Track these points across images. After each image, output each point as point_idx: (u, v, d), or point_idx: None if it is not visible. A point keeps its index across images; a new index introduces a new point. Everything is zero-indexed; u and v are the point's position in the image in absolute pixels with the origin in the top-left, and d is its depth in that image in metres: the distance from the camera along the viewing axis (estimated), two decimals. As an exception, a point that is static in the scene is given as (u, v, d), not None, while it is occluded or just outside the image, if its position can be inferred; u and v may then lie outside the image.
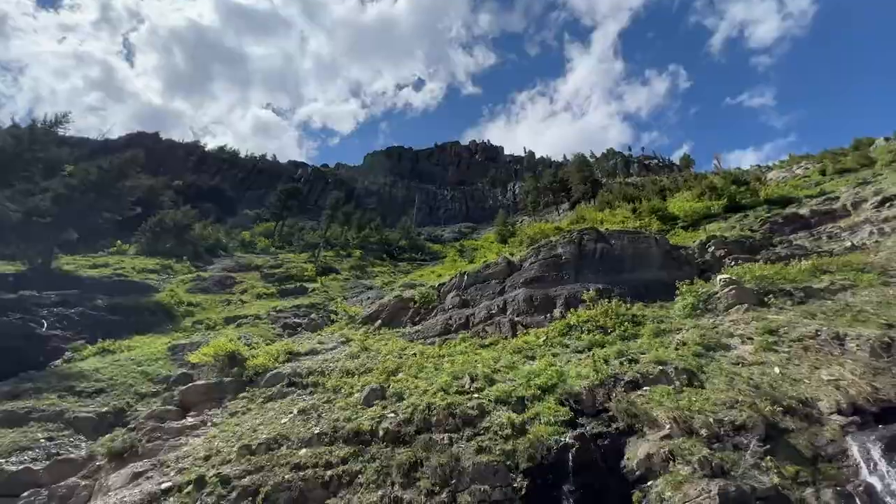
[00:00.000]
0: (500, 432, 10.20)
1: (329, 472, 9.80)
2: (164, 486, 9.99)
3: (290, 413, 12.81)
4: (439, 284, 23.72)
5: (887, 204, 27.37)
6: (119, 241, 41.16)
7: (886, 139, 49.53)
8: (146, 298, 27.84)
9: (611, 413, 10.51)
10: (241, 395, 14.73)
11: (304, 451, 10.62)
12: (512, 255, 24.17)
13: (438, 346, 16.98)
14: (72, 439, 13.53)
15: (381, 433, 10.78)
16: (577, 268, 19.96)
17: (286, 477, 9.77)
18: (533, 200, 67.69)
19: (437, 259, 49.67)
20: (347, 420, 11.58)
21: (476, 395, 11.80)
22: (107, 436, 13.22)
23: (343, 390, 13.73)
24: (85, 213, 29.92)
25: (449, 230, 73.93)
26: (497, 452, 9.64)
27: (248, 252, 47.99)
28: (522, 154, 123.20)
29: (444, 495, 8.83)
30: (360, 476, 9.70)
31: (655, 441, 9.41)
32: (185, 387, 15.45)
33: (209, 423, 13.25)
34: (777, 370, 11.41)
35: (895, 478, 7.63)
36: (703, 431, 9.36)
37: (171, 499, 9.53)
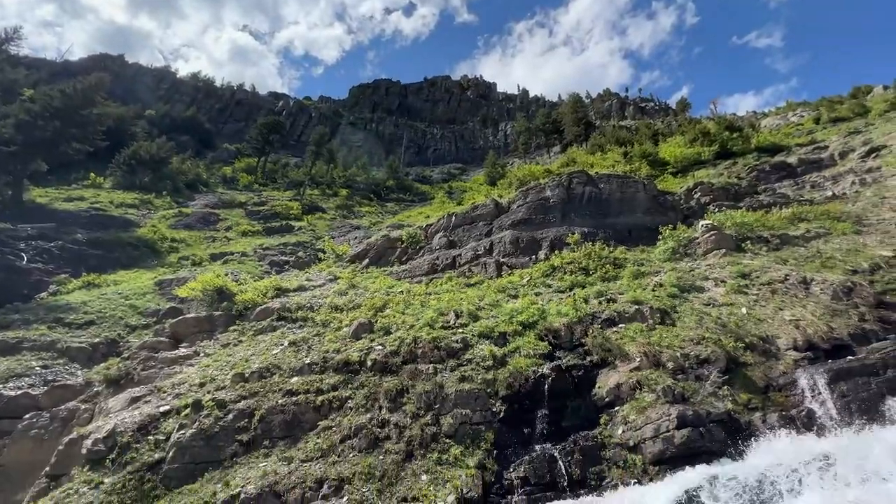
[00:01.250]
0: (481, 364, 10.82)
1: (320, 398, 10.41)
2: (162, 409, 10.52)
3: (281, 345, 13.27)
4: (427, 225, 23.72)
5: (873, 154, 27.55)
6: (93, 174, 39.40)
7: (885, 87, 48.66)
8: (127, 233, 27.33)
9: (586, 347, 11.16)
10: (232, 328, 15.11)
11: (295, 379, 11.17)
12: (500, 197, 24.05)
13: (425, 284, 17.38)
14: (66, 367, 13.92)
15: (369, 363, 11.33)
16: (564, 211, 20.07)
17: (279, 401, 10.36)
18: (524, 142, 66.07)
19: (425, 200, 49.23)
20: (337, 351, 12.09)
21: (460, 330, 12.33)
22: (101, 364, 13.63)
23: (332, 325, 14.17)
24: (52, 142, 28.24)
25: (438, 171, 72.47)
26: (478, 381, 10.30)
27: (230, 189, 46.67)
28: (516, 92, 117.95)
29: (428, 418, 9.54)
30: (349, 401, 10.34)
31: (625, 372, 10.13)
32: (175, 320, 15.73)
33: (202, 354, 13.70)
34: (744, 310, 12.09)
35: (834, 404, 8.47)
36: (670, 364, 10.08)
37: (171, 420, 10.09)
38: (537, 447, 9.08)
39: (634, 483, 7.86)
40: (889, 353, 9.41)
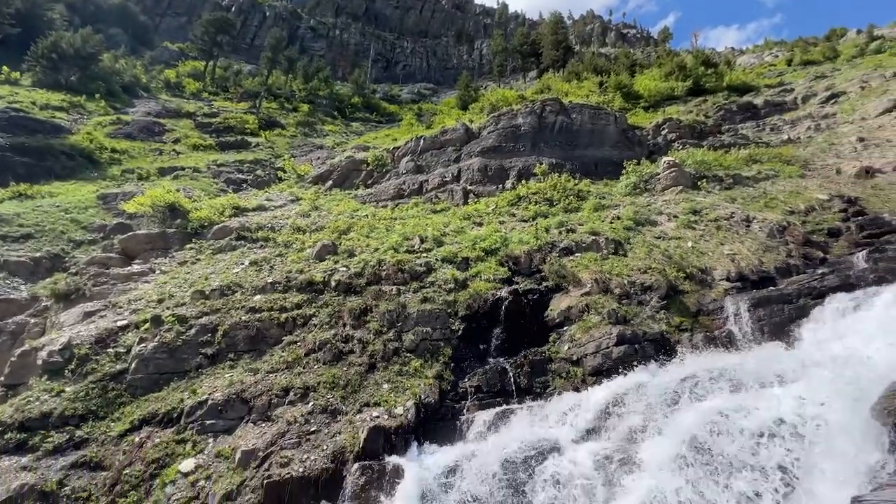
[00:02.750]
0: (443, 286, 11.25)
1: (284, 315, 10.61)
2: (119, 323, 10.41)
3: (242, 264, 13.09)
4: (394, 148, 22.86)
5: (832, 101, 28.39)
6: (6, 68, 33.99)
7: (858, 32, 48.73)
8: (58, 140, 24.54)
9: (543, 274, 11.79)
10: (188, 246, 14.61)
11: (258, 297, 11.22)
12: (471, 121, 23.24)
13: (391, 209, 17.21)
14: (7, 281, 13.19)
15: (333, 284, 11.49)
16: (535, 140, 19.82)
17: (243, 318, 10.48)
18: (500, 64, 62.45)
19: (392, 121, 46.75)
20: (300, 272, 12.11)
21: (424, 255, 12.58)
22: (47, 280, 13.01)
23: (294, 246, 14.00)
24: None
25: (407, 90, 68.06)
26: (440, 302, 10.78)
27: (175, 96, 42.00)
28: (495, 5, 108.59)
29: (390, 334, 10.04)
30: (313, 319, 10.62)
31: (576, 297, 10.90)
32: (124, 236, 14.96)
33: (157, 271, 13.33)
34: (690, 244, 12.99)
35: (750, 326, 9.64)
36: (617, 290, 10.91)
37: (130, 334, 10.05)
38: (491, 361, 9.90)
39: (574, 390, 8.88)
40: (804, 285, 10.59)
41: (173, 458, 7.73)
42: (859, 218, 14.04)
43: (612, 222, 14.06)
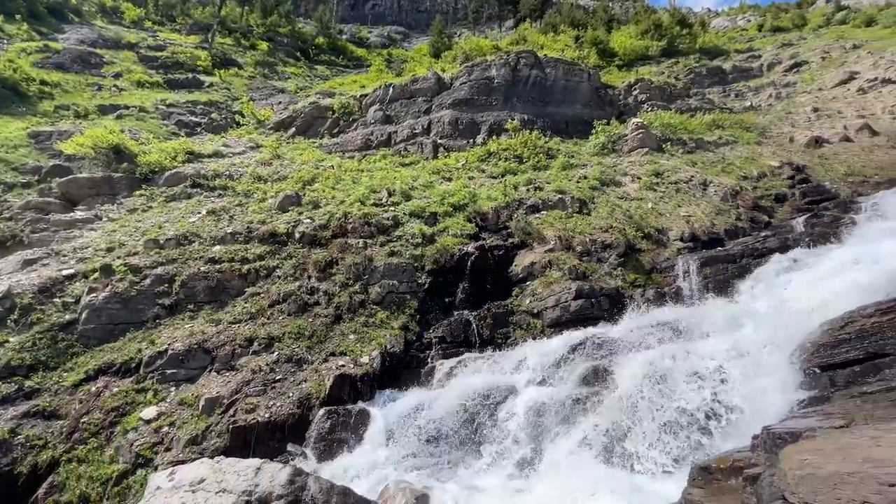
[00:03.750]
0: (411, 240, 11.24)
1: (246, 266, 10.35)
2: (65, 272, 9.81)
3: (199, 213, 12.46)
4: (362, 95, 21.72)
5: (795, 70, 29.17)
6: None
7: (827, 0, 49.37)
8: (-26, 67, 21.53)
9: (510, 230, 11.99)
10: (138, 192, 13.67)
11: (217, 247, 10.82)
12: (444, 71, 22.27)
13: (357, 160, 16.65)
14: (-71, 225, 11.97)
15: (297, 236, 11.22)
16: (508, 94, 19.37)
17: (202, 269, 10.14)
18: (475, 10, 59.24)
19: (360, 67, 44.02)
20: (262, 223, 11.70)
21: (392, 209, 12.41)
22: (-24, 224, 11.90)
23: (255, 195, 13.41)
24: None
25: (376, 33, 63.74)
26: (407, 256, 10.82)
27: (112, 23, 37.36)
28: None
29: (356, 287, 10.06)
30: (277, 270, 10.43)
31: (540, 253, 11.23)
32: (63, 179, 13.74)
33: (104, 218, 12.48)
34: (650, 205, 13.49)
35: (697, 284, 10.35)
36: (579, 248, 11.31)
37: (77, 283, 9.53)
38: (456, 313, 10.20)
39: (532, 340, 9.37)
40: (748, 246, 11.35)
41: (134, 407, 7.67)
42: (804, 185, 14.97)
43: (578, 182, 14.28)
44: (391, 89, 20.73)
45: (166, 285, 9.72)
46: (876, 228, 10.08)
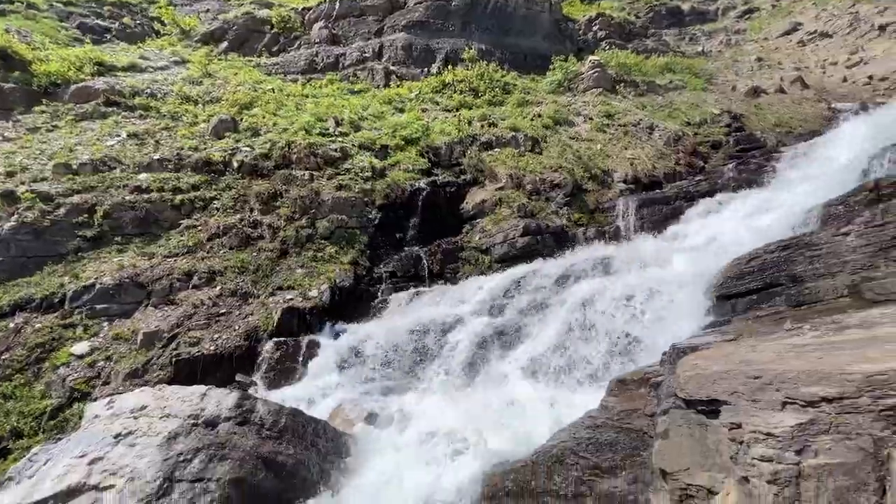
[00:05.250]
0: (360, 174, 10.84)
1: (179, 197, 9.57)
2: (-44, 198, 8.56)
3: (118, 136, 11.09)
4: (304, 8, 19.39)
5: (746, 16, 29.59)
6: None
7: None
8: None
9: (462, 167, 11.87)
10: (38, 108, 11.79)
11: (144, 175, 9.84)
12: (397, -13, 20.19)
13: (301, 84, 15.27)
14: None
15: (235, 165, 10.41)
16: (466, 19, 18.14)
17: (127, 198, 9.26)
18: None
19: (303, -25, 38.78)
20: (194, 149, 10.68)
21: (340, 139, 11.74)
22: None
23: (185, 118, 12.06)
24: None
25: (322, -66, 55.47)
26: (356, 190, 10.48)
27: None
28: None
29: (303, 221, 9.72)
30: (215, 202, 9.76)
31: (491, 191, 11.33)
32: (-63, 87, 11.47)
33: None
34: (599, 147, 13.80)
35: (633, 223, 11.05)
36: (529, 187, 11.51)
37: (-26, 212, 8.40)
38: (406, 249, 10.27)
39: (480, 275, 9.75)
40: (682, 189, 12.12)
41: (62, 343, 7.26)
42: (738, 134, 15.87)
43: (532, 119, 14.17)
44: (338, 4, 18.63)
45: (86, 216, 8.83)
46: (791, 176, 11.09)
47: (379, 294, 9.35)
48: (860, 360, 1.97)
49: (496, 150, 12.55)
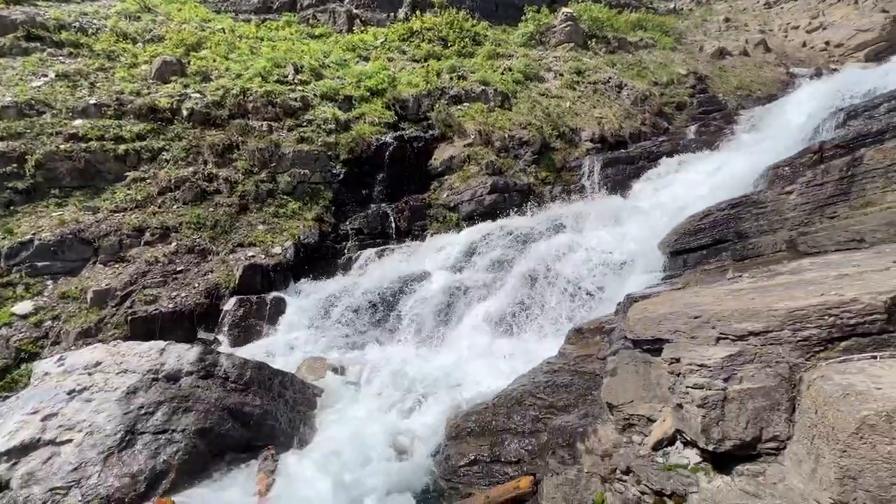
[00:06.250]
0: (323, 126, 10.32)
1: (123, 147, 8.82)
2: None
3: (45, 77, 9.91)
4: (256, -63, 17.41)
5: (719, -27, 29.24)
6: None
7: None
8: None
9: (430, 121, 11.53)
10: (-56, 40, 10.26)
11: (79, 121, 8.94)
12: (360, -82, 18.42)
13: (255, 25, 14.01)
14: None
15: (185, 113, 9.63)
16: (436, -39, 16.93)
17: (62, 147, 8.44)
18: None
19: None
20: (137, 94, 9.74)
21: (300, 88, 11.03)
22: None
23: (122, 59, 10.89)
24: None
25: None
26: (319, 144, 10.02)
27: None
28: None
29: (263, 175, 9.26)
30: (164, 153, 9.08)
31: (460, 147, 11.14)
32: None
33: None
34: (568, 104, 13.71)
35: (598, 182, 11.28)
36: (497, 143, 11.39)
37: None
38: (373, 206, 10.08)
39: (448, 232, 9.78)
40: (646, 150, 12.38)
41: (1, 303, 6.79)
42: (701, 95, 16.16)
43: (503, 73, 13.79)
44: (294, -66, 16.83)
45: (16, 165, 8.02)
46: (747, 139, 11.53)
47: (345, 251, 9.23)
48: (786, 299, 2.17)
49: (465, 104, 12.22)
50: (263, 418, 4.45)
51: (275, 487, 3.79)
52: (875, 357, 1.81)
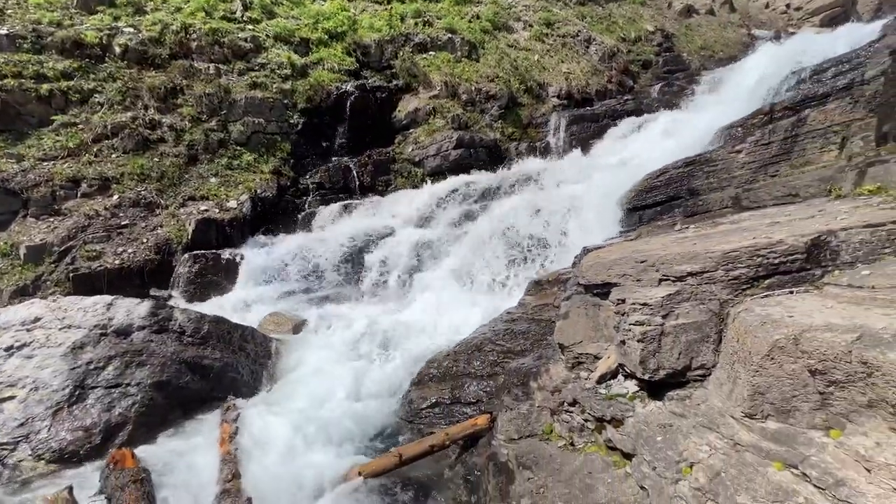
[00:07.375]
0: (278, 71, 9.61)
1: (46, 86, 7.87)
2: None
3: (-60, -1, 8.50)
4: None
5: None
6: None
7: None
8: None
9: (394, 70, 10.98)
10: None
11: (-10, 55, 7.83)
12: None
13: (196, -49, 12.45)
14: None
15: (118, 50, 8.63)
16: None
17: (-29, 84, 7.42)
18: None
19: None
20: (57, 25, 8.59)
21: (250, 27, 10.10)
22: None
23: (37, -18, 9.46)
24: None
25: None
26: (274, 90, 9.36)
27: None
28: None
29: (213, 123, 8.62)
30: (96, 95, 8.20)
31: (425, 99, 10.75)
32: None
33: None
34: (536, 58, 13.39)
35: (563, 140, 11.32)
36: (464, 96, 11.08)
37: None
38: (335, 159, 9.70)
39: (412, 188, 9.63)
40: (611, 108, 12.44)
41: (-83, 259, 6.17)
42: (667, 54, 16.21)
43: (471, 21, 13.17)
44: None
45: (-85, 104, 7.01)
46: (706, 100, 11.79)
47: (306, 206, 8.94)
48: (722, 244, 2.33)
49: (431, 53, 11.67)
50: (224, 371, 4.42)
51: (238, 437, 3.84)
52: (792, 292, 2.00)
